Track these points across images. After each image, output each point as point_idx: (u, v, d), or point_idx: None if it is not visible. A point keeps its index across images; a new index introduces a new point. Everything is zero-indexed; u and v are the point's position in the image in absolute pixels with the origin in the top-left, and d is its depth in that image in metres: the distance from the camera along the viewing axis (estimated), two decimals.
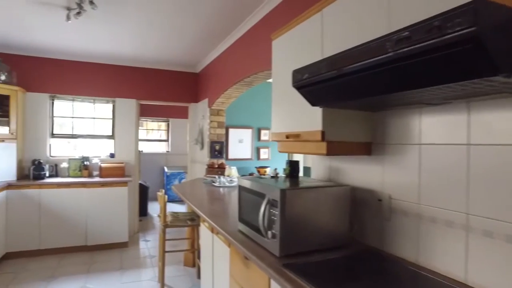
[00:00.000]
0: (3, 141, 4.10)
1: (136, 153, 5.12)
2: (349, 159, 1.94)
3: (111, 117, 5.11)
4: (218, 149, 4.85)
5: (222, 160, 4.87)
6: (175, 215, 3.29)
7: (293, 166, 2.04)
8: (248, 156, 5.92)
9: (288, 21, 2.12)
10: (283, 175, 2.07)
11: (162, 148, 8.62)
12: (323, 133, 1.63)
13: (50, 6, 3.12)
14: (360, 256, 1.64)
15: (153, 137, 8.55)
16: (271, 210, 1.62)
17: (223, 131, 4.90)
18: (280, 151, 2.09)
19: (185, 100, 5.45)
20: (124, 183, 4.43)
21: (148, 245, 4.67)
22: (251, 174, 5.69)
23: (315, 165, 2.33)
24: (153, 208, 6.98)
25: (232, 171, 4.15)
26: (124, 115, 5.03)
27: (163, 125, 8.59)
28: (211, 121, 4.80)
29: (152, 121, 8.35)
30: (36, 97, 4.61)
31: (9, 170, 4.16)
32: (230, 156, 5.65)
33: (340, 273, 1.50)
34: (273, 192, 1.60)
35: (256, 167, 5.75)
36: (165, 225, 3.07)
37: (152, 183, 7.65)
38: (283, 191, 1.55)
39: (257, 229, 1.73)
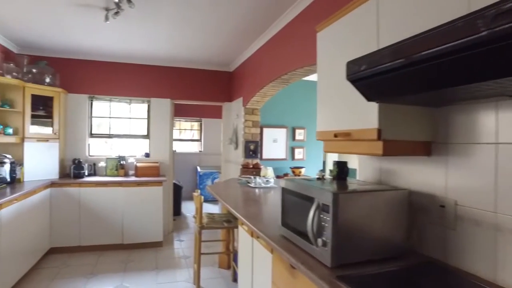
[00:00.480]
0: (47, 140, 4.23)
1: (171, 152, 5.14)
2: (404, 160, 1.76)
3: (146, 117, 5.16)
4: (253, 149, 4.75)
5: (257, 160, 4.77)
6: (210, 216, 3.22)
7: (341, 167, 1.88)
8: (283, 156, 5.77)
9: (331, 12, 1.97)
10: (330, 177, 1.91)
11: (194, 148, 8.68)
12: (379, 131, 1.46)
13: (89, 8, 3.16)
14: (422, 269, 1.46)
15: (186, 137, 8.62)
16: (321, 216, 1.48)
17: (257, 130, 4.80)
18: (326, 151, 1.94)
19: (219, 99, 5.40)
20: (159, 183, 4.44)
21: (182, 245, 4.66)
22: (285, 175, 5.55)
23: (362, 166, 2.16)
24: (186, 208, 7.02)
25: (268, 171, 4.03)
26: (159, 114, 5.06)
27: (195, 125, 8.65)
28: (245, 120, 4.71)
29: (186, 121, 8.42)
30: (76, 98, 4.74)
31: (52, 169, 4.29)
32: (264, 156, 5.53)
33: None
34: (324, 195, 1.46)
35: (290, 168, 5.60)
36: (201, 227, 3.01)
37: (185, 182, 7.69)
38: (335, 195, 1.40)
39: (304, 236, 1.60)
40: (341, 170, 1.88)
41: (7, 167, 3.68)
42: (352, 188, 1.60)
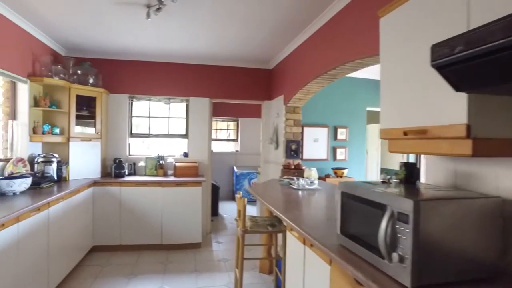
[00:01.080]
0: (90, 140, 4.29)
1: (209, 152, 5.05)
2: (489, 161, 1.48)
3: (185, 116, 5.11)
4: (294, 148, 4.54)
5: (299, 161, 4.55)
6: (253, 219, 3.05)
7: (410, 169, 1.63)
8: (324, 157, 5.52)
9: None
10: (396, 181, 1.67)
11: (230, 147, 8.61)
12: (468, 127, 1.22)
13: (131, 5, 3.11)
14: None
15: (222, 136, 8.57)
16: (397, 226, 1.25)
17: (299, 129, 4.58)
18: (391, 151, 1.69)
19: (258, 98, 5.24)
20: (198, 183, 4.36)
21: (221, 247, 4.55)
22: (327, 176, 5.28)
23: (431, 168, 1.88)
24: (223, 208, 6.94)
25: (312, 172, 3.81)
26: (198, 114, 4.99)
27: (231, 124, 8.57)
28: (286, 119, 4.51)
29: (222, 121, 8.37)
30: (117, 98, 4.78)
31: (95, 168, 4.34)
32: (305, 156, 5.31)
33: None
34: (401, 203, 1.23)
35: (332, 169, 5.35)
36: (245, 231, 2.85)
37: (221, 182, 7.63)
38: (417, 203, 1.17)
39: (371, 248, 1.38)
40: (410, 172, 1.63)
41: (54, 166, 3.75)
42: (432, 194, 1.36)
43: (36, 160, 3.68)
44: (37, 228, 2.65)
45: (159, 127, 5.12)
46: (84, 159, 4.22)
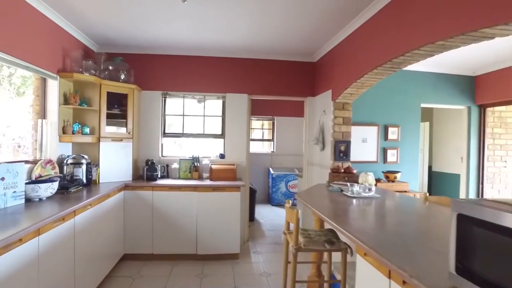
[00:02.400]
0: (121, 140, 4.01)
1: (248, 153, 4.64)
2: None
3: (221, 114, 4.73)
4: (344, 150, 4.02)
5: (348, 163, 4.03)
6: (305, 233, 2.58)
7: None
8: (373, 159, 4.94)
9: None
10: None
11: (262, 148, 8.18)
12: None
13: None
14: None
15: (256, 136, 8.16)
16: None
17: (349, 128, 4.06)
18: None
19: (300, 94, 4.76)
20: (236, 188, 3.95)
21: (261, 258, 4.11)
22: (378, 180, 4.71)
23: None
24: (259, 213, 6.52)
25: (369, 177, 3.29)
26: (235, 111, 4.59)
27: (266, 123, 8.14)
28: (335, 117, 4.00)
29: (257, 120, 7.95)
30: (149, 95, 4.48)
31: (126, 170, 4.06)
32: (352, 158, 4.74)
33: None
34: None
35: (383, 172, 4.77)
36: (298, 249, 2.39)
37: (256, 185, 7.21)
38: None
39: None
40: None
41: (83, 168, 3.48)
42: None
43: (65, 162, 3.42)
44: (62, 240, 2.34)
45: (193, 126, 4.77)
46: (115, 160, 3.94)
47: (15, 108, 3.41)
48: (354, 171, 3.89)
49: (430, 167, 6.26)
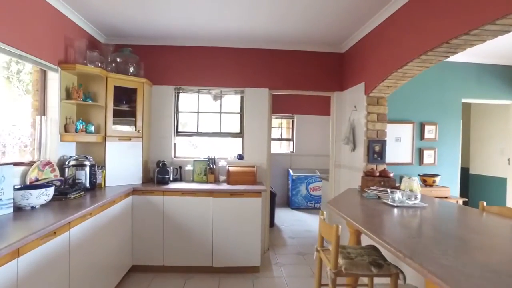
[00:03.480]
0: (129, 139, 3.63)
1: (269, 154, 4.20)
2: None
3: (239, 111, 4.31)
4: (378, 150, 3.54)
5: (384, 166, 3.55)
6: (344, 252, 2.13)
7: None
8: (407, 160, 4.43)
9: None
10: None
11: (280, 147, 7.73)
12: None
13: None
14: None
15: (274, 135, 7.71)
16: None
17: (384, 126, 3.57)
18: None
19: (327, 88, 4.29)
20: (257, 193, 3.51)
21: (284, 272, 3.66)
22: None
23: None
24: (278, 218, 6.07)
25: (414, 183, 2.79)
26: (255, 108, 4.16)
27: (285, 122, 7.69)
28: (368, 113, 3.52)
29: (275, 118, 7.49)
30: (161, 90, 4.10)
31: (135, 172, 3.68)
32: None
33: None
34: None
35: (420, 175, 4.25)
36: (338, 273, 1.93)
37: (275, 187, 6.76)
38: None
39: None
40: None
41: (87, 171, 3.11)
42: None
43: (67, 163, 3.06)
44: (53, 258, 1.95)
45: (209, 124, 4.37)
46: (122, 162, 3.57)
47: (24, 106, 3.07)
48: (391, 175, 3.40)
49: (463, 169, 5.66)
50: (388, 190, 2.84)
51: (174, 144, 4.22)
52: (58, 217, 2.04)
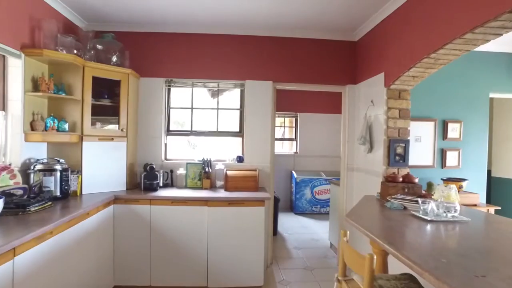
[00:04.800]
0: (112, 139, 3.13)
1: (272, 156, 3.70)
2: None
3: (239, 107, 3.82)
4: (400, 152, 3.04)
5: (407, 170, 3.05)
6: (376, 284, 1.63)
7: None
8: (428, 162, 3.92)
9: None
10: None
11: (282, 148, 7.23)
12: None
13: None
14: None
15: (276, 135, 7.21)
16: None
17: (407, 123, 3.07)
18: None
19: (338, 81, 3.78)
20: (260, 202, 3.01)
21: None
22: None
23: None
24: (282, 224, 5.58)
25: (452, 192, 2.29)
26: (256, 103, 3.67)
27: (287, 121, 7.18)
28: (389, 108, 3.02)
29: (277, 116, 6.98)
30: (149, 83, 3.60)
31: (118, 177, 3.18)
32: None
33: None
34: None
35: (443, 179, 3.74)
36: None
37: (277, 191, 6.26)
38: None
39: None
40: None
41: (57, 176, 2.61)
42: None
43: (32, 168, 2.56)
44: None
45: (204, 122, 3.87)
46: (103, 165, 3.07)
47: None
48: (416, 180, 2.90)
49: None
50: (419, 200, 2.34)
51: (165, 144, 3.72)
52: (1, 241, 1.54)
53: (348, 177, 3.76)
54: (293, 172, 6.57)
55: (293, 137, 7.09)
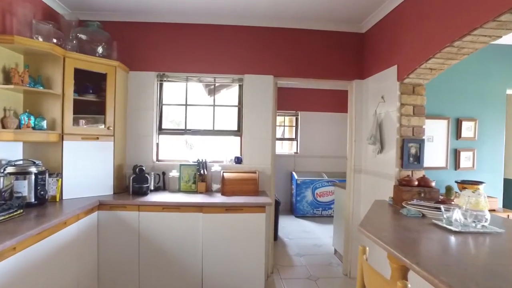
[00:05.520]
0: (96, 138, 2.84)
1: (273, 157, 3.41)
2: None
3: (237, 103, 3.53)
4: (415, 152, 2.76)
5: (422, 172, 2.78)
6: None
7: None
8: (441, 164, 3.65)
9: None
10: None
11: (281, 148, 6.95)
12: None
13: None
14: None
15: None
16: None
17: (421, 121, 2.80)
18: None
19: (344, 76, 3.50)
20: (260, 208, 2.73)
21: None
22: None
23: None
24: (282, 228, 5.29)
25: (481, 199, 2.01)
26: (257, 99, 3.37)
27: (287, 119, 6.90)
28: (402, 105, 2.74)
29: (277, 115, 6.69)
30: (139, 77, 3.30)
31: (104, 181, 2.89)
32: None
33: None
34: None
35: (457, 182, 3.44)
36: None
37: (278, 193, 5.97)
38: None
39: None
40: None
41: (31, 180, 2.31)
42: None
43: (1, 170, 2.26)
44: None
45: (200, 120, 3.58)
46: (87, 167, 2.77)
47: None
48: (433, 184, 2.63)
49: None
50: (442, 207, 2.07)
51: (157, 144, 3.43)
52: None
53: (355, 179, 3.47)
54: (294, 173, 6.28)
55: (293, 136, 6.80)
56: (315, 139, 6.52)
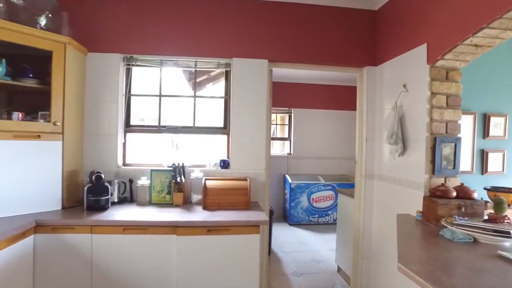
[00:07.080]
0: (38, 137, 2.15)
1: (268, 160, 2.78)
2: None
3: (224, 94, 2.89)
4: (449, 155, 2.18)
5: (458, 180, 2.20)
6: None
7: None
8: (466, 167, 3.08)
9: None
10: None
11: (272, 148, 6.35)
12: None
13: None
14: None
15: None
16: None
17: (457, 115, 2.22)
18: None
19: (354, 61, 2.89)
20: (254, 228, 2.09)
21: None
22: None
23: None
24: (275, 239, 4.68)
25: None
26: (247, 89, 2.74)
27: (279, 117, 6.29)
28: (432, 94, 2.15)
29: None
30: (100, 60, 2.62)
31: (49, 192, 2.21)
32: None
33: None
34: None
35: (486, 189, 2.89)
36: None
37: (269, 198, 5.35)
38: None
39: None
40: None
41: None
42: None
43: None
44: None
45: (177, 114, 2.93)
46: (22, 175, 2.08)
47: None
48: (475, 195, 2.04)
49: None
50: (501, 226, 1.48)
51: (123, 144, 2.76)
52: None
53: (367, 186, 2.87)
54: (287, 176, 5.67)
55: (286, 136, 6.20)
56: (310, 139, 5.93)
